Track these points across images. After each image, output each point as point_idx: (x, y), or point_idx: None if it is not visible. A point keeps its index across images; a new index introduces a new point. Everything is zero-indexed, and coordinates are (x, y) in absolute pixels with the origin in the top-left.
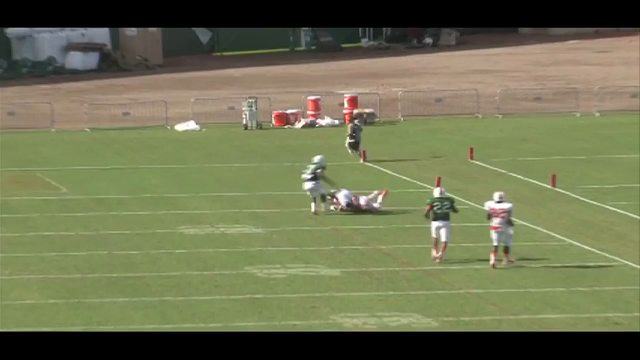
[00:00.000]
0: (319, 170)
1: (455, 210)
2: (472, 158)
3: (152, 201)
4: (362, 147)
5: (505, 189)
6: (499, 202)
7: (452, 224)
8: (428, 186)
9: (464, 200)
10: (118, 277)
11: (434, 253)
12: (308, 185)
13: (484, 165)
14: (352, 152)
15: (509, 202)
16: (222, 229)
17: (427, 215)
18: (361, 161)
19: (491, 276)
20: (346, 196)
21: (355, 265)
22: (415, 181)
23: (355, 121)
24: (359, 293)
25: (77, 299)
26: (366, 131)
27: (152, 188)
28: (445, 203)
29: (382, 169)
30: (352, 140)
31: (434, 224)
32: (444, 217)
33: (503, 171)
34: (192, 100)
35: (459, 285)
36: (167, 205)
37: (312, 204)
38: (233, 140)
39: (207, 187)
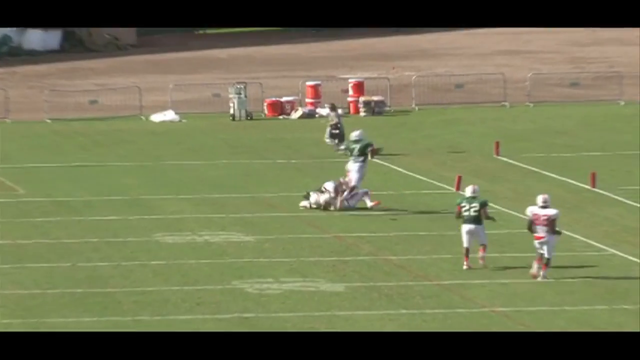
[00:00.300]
0: (369, 148)
1: (487, 216)
2: (498, 154)
3: (123, 204)
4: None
5: (537, 190)
6: (543, 206)
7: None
8: (446, 187)
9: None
10: (84, 294)
11: (465, 263)
12: (354, 166)
13: (511, 162)
14: (335, 144)
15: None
16: (205, 237)
17: (457, 218)
18: (368, 157)
19: (520, 292)
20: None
21: (361, 279)
22: (431, 181)
23: (339, 111)
24: (365, 312)
25: (36, 319)
26: (374, 122)
27: (123, 189)
28: (474, 205)
29: (392, 166)
30: (336, 131)
31: (464, 228)
32: (473, 220)
33: (534, 169)
34: (171, 86)
35: (482, 303)
36: (142, 208)
37: (367, 200)
38: (219, 133)
39: (188, 188)
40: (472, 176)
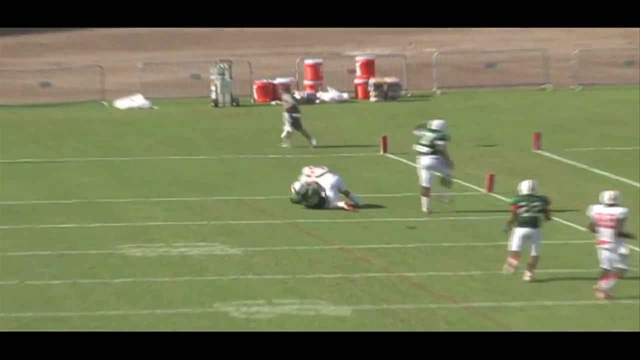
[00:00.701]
0: (439, 142)
1: (549, 217)
2: (537, 147)
3: (81, 209)
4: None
5: (585, 190)
6: (610, 204)
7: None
8: (475, 187)
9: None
10: (33, 318)
11: (509, 265)
12: (425, 161)
13: (554, 157)
14: (291, 134)
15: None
16: (181, 249)
17: (511, 223)
18: (380, 152)
19: (567, 315)
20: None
21: (372, 300)
22: (457, 180)
23: (296, 94)
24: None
25: None
26: (387, 109)
27: (81, 190)
28: (536, 204)
29: (409, 163)
30: (298, 115)
31: (519, 232)
32: (532, 222)
33: (582, 166)
34: (140, 65)
35: (520, 329)
36: (104, 214)
37: (424, 200)
38: (198, 122)
39: (160, 189)
40: (506, 175)
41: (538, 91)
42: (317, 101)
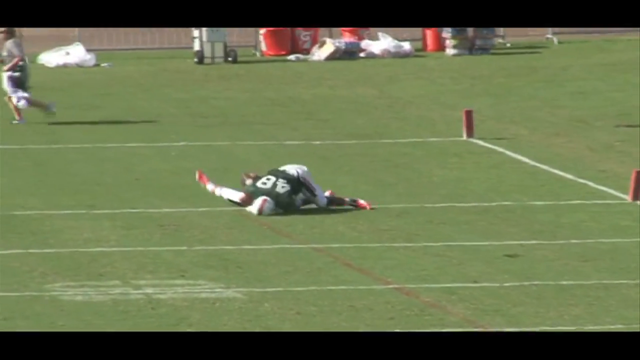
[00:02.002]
0: None
1: None
2: None
3: None
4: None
5: None
6: None
7: None
8: (613, 192)
9: None
10: None
11: None
12: None
13: None
14: (16, 96)
15: None
16: (147, 291)
17: None
18: (463, 136)
19: None
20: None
21: None
22: (583, 181)
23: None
24: None
25: None
26: (472, 66)
27: None
28: None
29: (507, 152)
30: (17, 74)
31: None
32: None
33: None
34: None
35: None
36: (24, 235)
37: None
38: (172, 89)
39: (111, 196)
40: None
41: None
42: (362, 54)
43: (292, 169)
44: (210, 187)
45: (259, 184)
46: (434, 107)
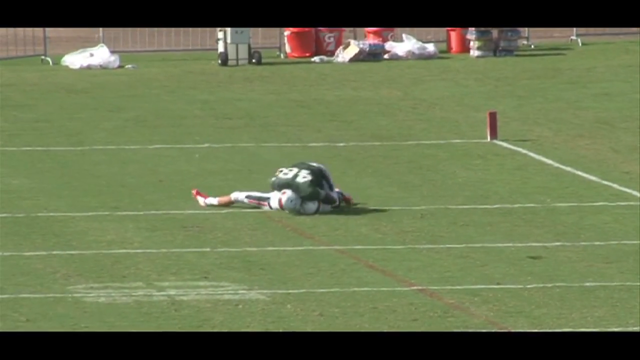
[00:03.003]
0: None
1: None
2: None
3: (11, 228)
4: None
5: None
6: None
7: None
8: (636, 194)
9: None
10: None
11: None
12: None
13: None
14: None
15: None
16: (170, 292)
17: None
18: (487, 138)
19: None
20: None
21: None
22: (607, 183)
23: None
24: None
25: None
26: (498, 68)
27: (10, 199)
28: None
29: (530, 154)
30: None
31: None
32: None
33: None
34: None
35: None
36: (47, 237)
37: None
38: (196, 91)
39: (135, 197)
40: None
41: None
42: (386, 56)
43: (315, 163)
44: (210, 200)
45: (280, 174)
46: (458, 109)
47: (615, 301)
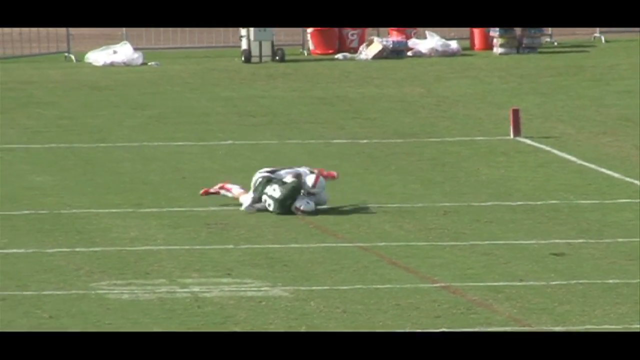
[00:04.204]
0: None
1: None
2: None
3: (34, 225)
4: None
5: None
6: None
7: None
8: None
9: None
10: None
11: None
12: None
13: None
14: None
15: None
16: (194, 289)
17: None
18: (510, 135)
19: None
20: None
21: None
22: (630, 180)
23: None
24: None
25: None
26: (521, 65)
27: (33, 195)
28: None
29: (554, 151)
30: None
31: None
32: None
33: None
34: None
35: None
36: (69, 234)
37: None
38: (219, 88)
39: (158, 194)
40: None
41: None
42: (409, 53)
43: (290, 176)
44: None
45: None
46: (481, 106)
47: (638, 298)
